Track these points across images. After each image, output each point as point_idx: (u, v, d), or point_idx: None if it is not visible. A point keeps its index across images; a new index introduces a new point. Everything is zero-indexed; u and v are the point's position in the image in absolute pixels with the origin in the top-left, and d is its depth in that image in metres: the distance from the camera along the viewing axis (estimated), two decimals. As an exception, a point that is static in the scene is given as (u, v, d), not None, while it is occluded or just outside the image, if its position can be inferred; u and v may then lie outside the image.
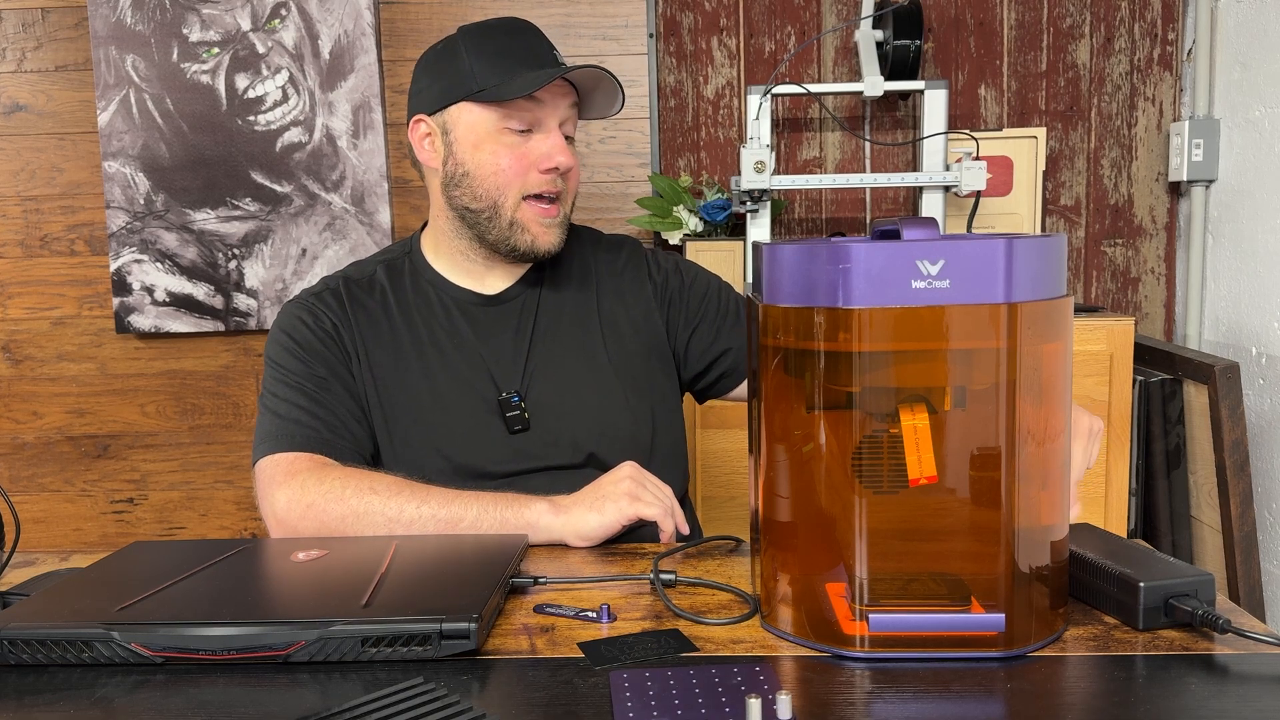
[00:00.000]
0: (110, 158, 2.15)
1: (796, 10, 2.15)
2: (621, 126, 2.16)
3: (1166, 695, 0.70)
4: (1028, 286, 0.74)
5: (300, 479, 1.08)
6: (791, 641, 0.81)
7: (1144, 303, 2.20)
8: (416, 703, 0.69)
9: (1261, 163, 1.94)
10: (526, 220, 1.20)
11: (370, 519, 1.05)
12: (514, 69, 1.17)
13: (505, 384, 1.21)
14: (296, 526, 1.07)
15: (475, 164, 1.19)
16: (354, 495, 1.06)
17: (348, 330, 1.22)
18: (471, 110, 1.19)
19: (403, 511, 1.05)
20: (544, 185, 1.19)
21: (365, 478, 1.09)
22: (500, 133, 1.18)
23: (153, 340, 2.24)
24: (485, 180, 1.19)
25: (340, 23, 2.12)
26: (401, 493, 1.06)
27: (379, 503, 1.06)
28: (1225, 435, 1.76)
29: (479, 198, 1.20)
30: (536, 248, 1.21)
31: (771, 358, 0.80)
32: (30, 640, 0.79)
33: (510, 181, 1.18)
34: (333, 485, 1.07)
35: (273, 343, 1.22)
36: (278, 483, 1.10)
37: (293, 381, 1.18)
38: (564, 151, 1.19)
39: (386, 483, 1.08)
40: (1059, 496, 0.80)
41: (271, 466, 1.12)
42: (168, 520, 2.29)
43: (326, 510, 1.06)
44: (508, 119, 1.18)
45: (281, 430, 1.15)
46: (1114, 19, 2.13)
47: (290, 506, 1.07)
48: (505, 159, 1.18)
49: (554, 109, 1.19)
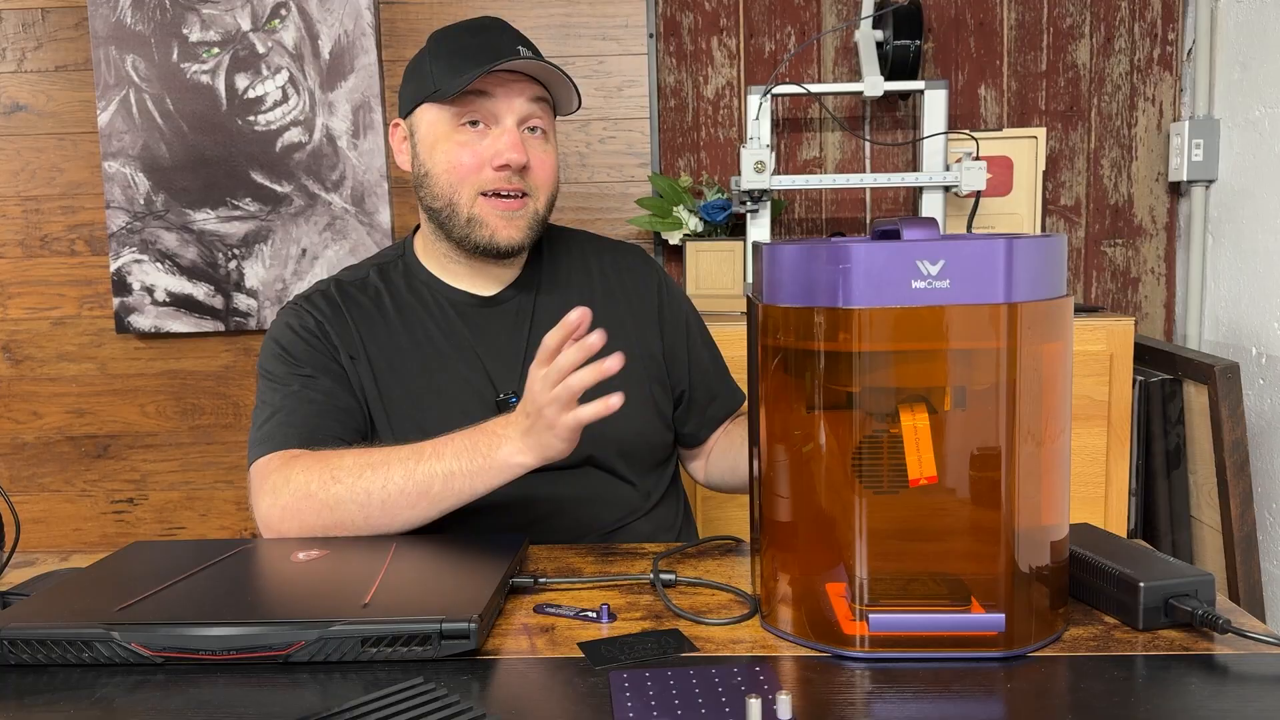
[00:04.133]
0: (110, 158, 2.15)
1: (796, 10, 2.15)
2: (621, 126, 2.16)
3: (1166, 695, 0.70)
4: (1028, 286, 0.74)
5: (271, 481, 1.07)
6: (791, 641, 0.81)
7: (1144, 303, 2.20)
8: (416, 703, 0.69)
9: (1261, 163, 1.94)
10: (483, 215, 1.18)
11: (343, 510, 1.03)
12: (464, 67, 1.15)
13: (503, 385, 1.21)
14: (281, 530, 1.05)
15: (433, 163, 1.19)
16: (320, 489, 1.03)
17: (337, 327, 1.21)
18: (430, 110, 1.19)
19: (370, 495, 1.02)
20: (498, 182, 1.17)
21: (327, 466, 1.04)
22: (455, 131, 1.18)
23: (153, 340, 2.24)
24: (440, 178, 1.18)
25: (340, 23, 2.12)
26: (364, 474, 1.03)
27: (344, 491, 1.02)
28: (1225, 435, 1.76)
29: (437, 196, 1.19)
30: (496, 242, 1.18)
31: (771, 358, 0.80)
32: (30, 640, 0.79)
33: (464, 178, 1.17)
34: (298, 483, 1.04)
35: (263, 353, 1.22)
36: (259, 490, 1.08)
37: (279, 386, 1.17)
38: (515, 148, 1.16)
39: (347, 465, 1.04)
40: (1059, 496, 0.80)
41: (254, 473, 1.11)
42: (168, 520, 2.29)
43: (300, 510, 1.04)
44: (460, 116, 1.17)
45: (264, 435, 1.13)
46: (1114, 19, 2.13)
47: (270, 511, 1.06)
48: (458, 156, 1.17)
49: (508, 104, 1.17)
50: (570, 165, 2.17)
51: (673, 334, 1.31)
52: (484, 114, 1.17)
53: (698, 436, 1.33)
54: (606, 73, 2.15)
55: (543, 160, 1.20)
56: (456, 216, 1.19)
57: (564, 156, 2.17)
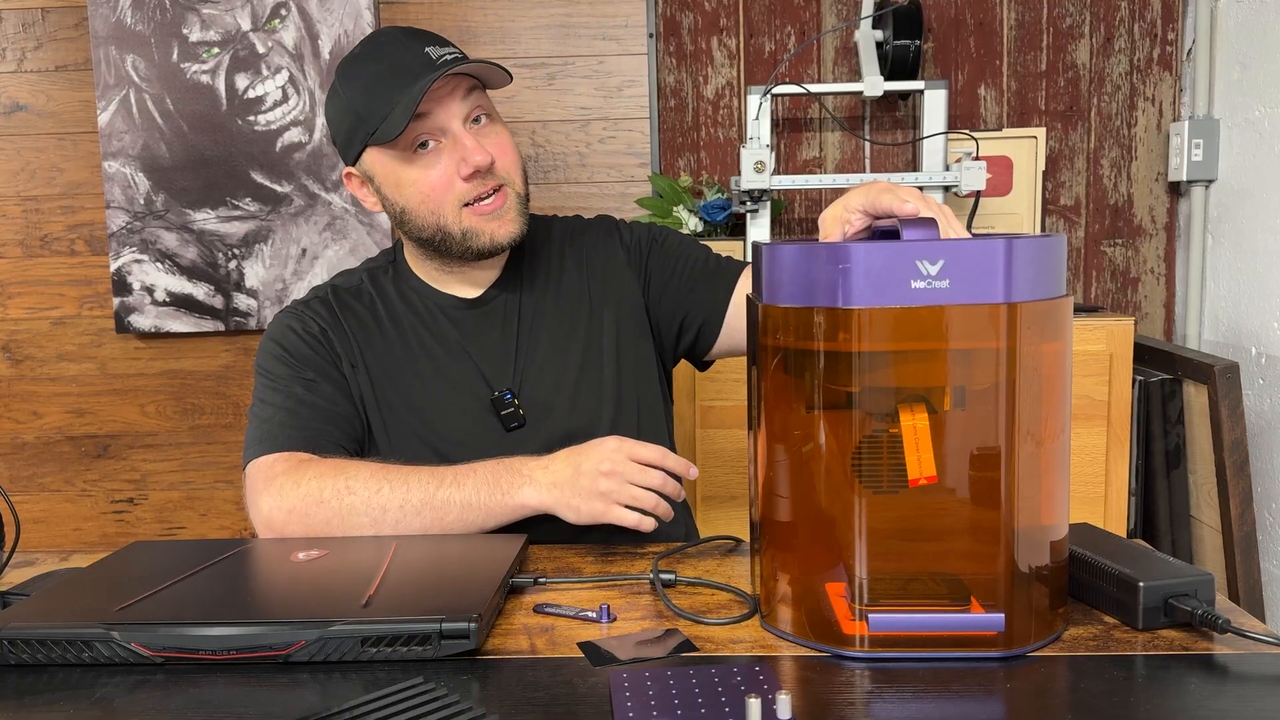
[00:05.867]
0: (110, 158, 2.15)
1: (796, 10, 2.15)
2: (621, 126, 2.16)
3: (1166, 695, 0.70)
4: (1027, 286, 0.74)
5: (278, 483, 1.07)
6: (791, 641, 0.81)
7: (1144, 303, 2.20)
8: (416, 703, 0.69)
9: (1261, 163, 1.94)
10: (474, 225, 1.17)
11: (354, 520, 1.04)
12: (389, 95, 1.13)
13: (497, 383, 1.21)
14: (283, 532, 1.06)
15: (405, 200, 1.18)
16: (333, 497, 1.04)
17: (338, 335, 1.21)
18: (377, 153, 1.18)
19: (385, 512, 1.04)
20: (474, 190, 1.17)
21: (341, 475, 1.06)
22: (411, 162, 1.16)
23: (153, 340, 2.24)
24: (419, 210, 1.18)
25: (340, 23, 2.12)
26: (381, 490, 1.04)
27: (359, 503, 1.04)
28: (1225, 435, 1.76)
29: (423, 228, 1.19)
30: (497, 241, 1.19)
31: (771, 358, 0.80)
32: (30, 640, 0.79)
33: (441, 201, 1.16)
34: (310, 488, 1.05)
35: (262, 352, 1.21)
36: (259, 489, 1.09)
37: (280, 386, 1.17)
38: (476, 151, 1.15)
39: (363, 478, 1.05)
40: (1059, 496, 0.80)
41: (254, 472, 1.11)
42: (168, 520, 2.29)
43: (308, 514, 1.05)
44: (409, 146, 1.15)
45: (265, 434, 1.14)
46: (1114, 19, 2.13)
47: (273, 513, 1.06)
48: (426, 184, 1.16)
49: (448, 111, 1.15)
50: (570, 165, 2.18)
51: (657, 277, 1.29)
52: (430, 131, 1.15)
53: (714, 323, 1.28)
54: (606, 73, 2.15)
55: (500, 145, 1.19)
56: (450, 237, 1.18)
57: (564, 156, 2.17)
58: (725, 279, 1.27)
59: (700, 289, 1.27)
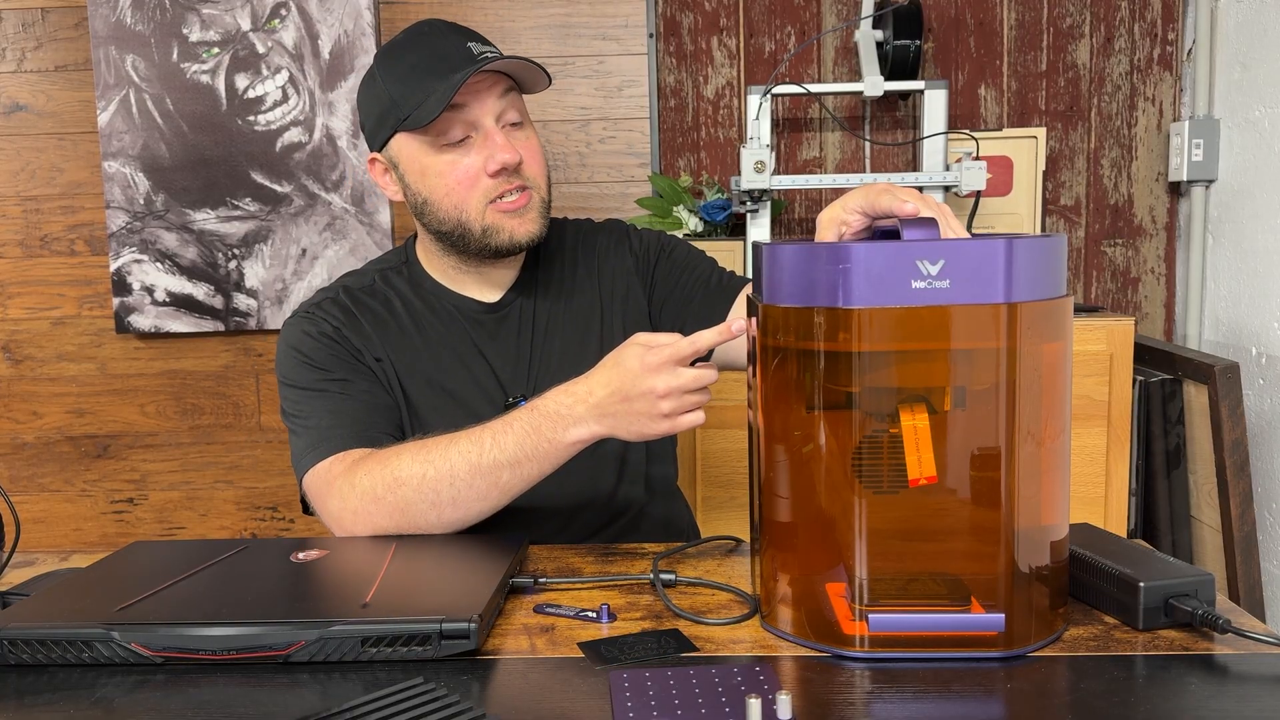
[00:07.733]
0: (110, 158, 2.15)
1: (796, 10, 2.15)
2: (621, 126, 2.16)
3: (1166, 695, 0.70)
4: (1028, 286, 0.74)
5: (337, 485, 1.07)
6: (791, 641, 0.81)
7: (1144, 303, 2.20)
8: (416, 703, 0.69)
9: (1261, 163, 1.94)
10: (497, 221, 1.17)
11: (415, 511, 1.03)
12: (426, 84, 1.13)
13: (512, 388, 1.22)
14: (354, 531, 1.06)
15: (429, 190, 1.18)
16: (386, 493, 1.04)
17: (353, 332, 1.20)
18: (406, 140, 1.17)
19: (439, 495, 1.03)
20: (500, 187, 1.16)
21: (386, 468, 1.05)
22: (440, 152, 1.16)
23: (153, 340, 2.24)
24: (442, 203, 1.17)
25: (340, 23, 2.12)
26: (426, 472, 1.03)
27: (411, 494, 1.03)
28: (1225, 435, 1.76)
29: (444, 220, 1.18)
30: (516, 240, 1.18)
31: (771, 358, 0.80)
32: (30, 640, 0.79)
33: (466, 196, 1.16)
34: (364, 488, 1.05)
35: (282, 361, 1.20)
36: (323, 495, 1.09)
37: (314, 390, 1.16)
38: (506, 149, 1.15)
39: (406, 463, 1.04)
40: (1059, 496, 0.80)
41: (313, 480, 1.11)
42: (168, 520, 2.29)
43: (371, 513, 1.04)
44: (440, 136, 1.15)
45: (314, 441, 1.13)
46: (1114, 19, 2.13)
47: (341, 515, 1.06)
48: (452, 177, 1.16)
49: (483, 107, 1.15)
50: (570, 165, 2.17)
51: (661, 286, 1.30)
52: (463, 125, 1.15)
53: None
54: (606, 73, 2.15)
55: (530, 149, 1.19)
56: (470, 232, 1.18)
57: (564, 156, 2.17)
58: (725, 295, 1.27)
59: (697, 302, 1.28)
